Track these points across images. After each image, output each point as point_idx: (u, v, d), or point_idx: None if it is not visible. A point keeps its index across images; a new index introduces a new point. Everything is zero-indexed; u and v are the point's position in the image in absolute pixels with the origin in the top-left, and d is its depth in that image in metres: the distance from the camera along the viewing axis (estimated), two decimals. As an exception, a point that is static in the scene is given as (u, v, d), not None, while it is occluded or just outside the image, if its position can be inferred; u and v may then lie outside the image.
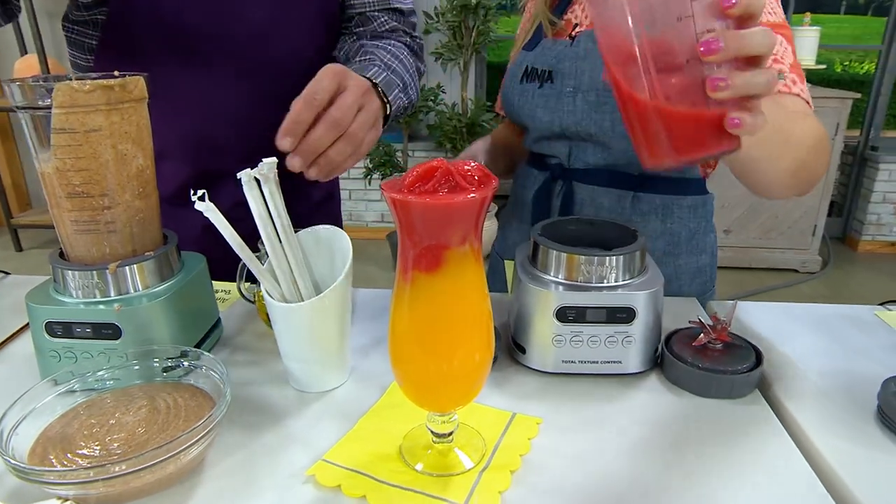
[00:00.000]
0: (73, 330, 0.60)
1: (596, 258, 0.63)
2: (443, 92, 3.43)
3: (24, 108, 0.56)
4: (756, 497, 0.49)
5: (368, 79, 0.76)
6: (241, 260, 0.73)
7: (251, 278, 0.75)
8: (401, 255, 0.46)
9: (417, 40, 1.01)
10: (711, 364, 0.62)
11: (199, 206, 0.53)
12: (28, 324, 0.75)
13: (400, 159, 3.46)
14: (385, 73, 0.82)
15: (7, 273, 0.93)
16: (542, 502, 0.48)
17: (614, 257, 0.63)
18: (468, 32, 3.36)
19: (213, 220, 0.55)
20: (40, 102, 0.55)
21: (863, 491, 0.49)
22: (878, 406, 0.59)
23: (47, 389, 0.54)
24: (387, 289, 0.85)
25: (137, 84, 0.59)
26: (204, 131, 0.92)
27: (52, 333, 0.61)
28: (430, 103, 3.38)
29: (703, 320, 0.65)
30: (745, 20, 0.44)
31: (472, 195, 0.42)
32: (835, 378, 0.65)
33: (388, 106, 0.80)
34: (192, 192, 0.56)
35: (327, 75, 0.69)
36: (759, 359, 0.63)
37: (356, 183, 3.77)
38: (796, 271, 3.39)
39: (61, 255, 0.63)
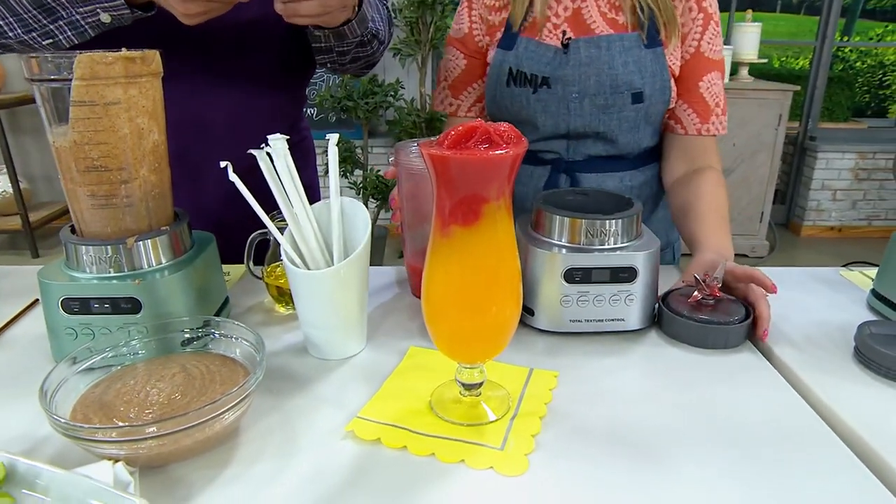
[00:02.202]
0: (90, 306, 0.60)
1: (598, 222, 0.67)
2: (402, 87, 3.45)
3: (41, 80, 0.56)
4: (758, 426, 0.54)
5: None
6: (243, 240, 0.75)
7: (258, 259, 0.76)
8: (438, 212, 0.48)
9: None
10: (707, 317, 0.67)
11: (231, 177, 0.54)
12: (20, 312, 0.75)
13: (360, 155, 3.46)
14: None
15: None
16: (572, 442, 0.52)
17: (615, 221, 0.67)
18: (425, 28, 3.38)
19: (241, 190, 0.56)
20: (59, 75, 0.55)
21: (848, 414, 0.56)
22: (855, 347, 0.65)
23: (74, 364, 0.54)
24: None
25: (154, 58, 0.59)
26: (179, 111, 0.91)
27: (68, 310, 0.60)
28: (390, 99, 3.39)
29: (697, 278, 0.70)
30: None
31: (509, 150, 0.45)
32: (814, 327, 0.72)
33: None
34: (219, 163, 0.57)
35: None
36: (748, 312, 0.68)
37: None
38: (746, 256, 3.56)
39: (73, 231, 0.63)
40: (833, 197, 3.84)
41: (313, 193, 1.19)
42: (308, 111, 3.74)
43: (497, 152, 0.45)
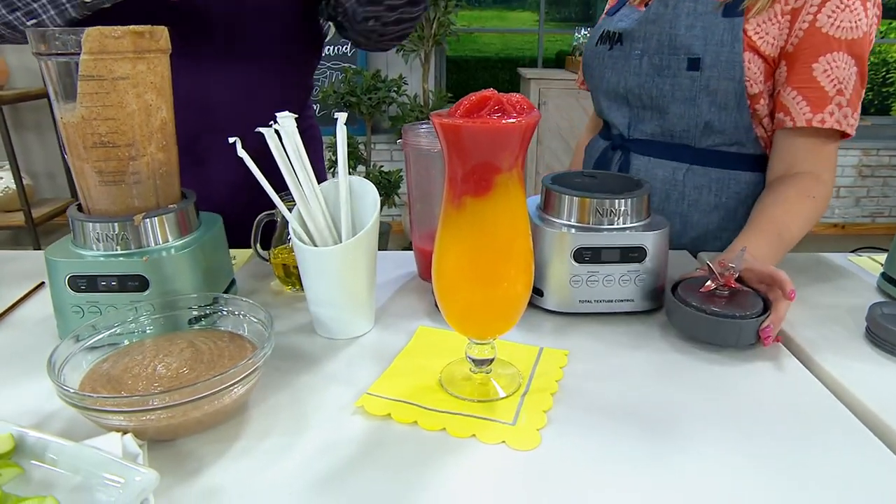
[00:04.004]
0: (97, 283, 0.60)
1: (608, 201, 0.66)
2: (405, 83, 3.44)
3: (49, 54, 0.55)
4: (770, 403, 0.54)
5: None
6: (246, 229, 0.75)
7: (265, 243, 0.76)
8: (449, 184, 0.48)
9: None
10: (718, 309, 0.61)
11: (240, 152, 0.54)
12: (26, 294, 0.75)
13: (363, 152, 3.46)
14: None
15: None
16: (584, 418, 0.52)
17: (624, 200, 0.67)
18: (429, 24, 3.38)
19: (249, 167, 0.56)
20: (66, 50, 0.55)
21: (862, 392, 0.55)
22: (867, 327, 0.65)
23: (81, 339, 0.53)
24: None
25: (163, 34, 0.59)
26: (183, 95, 0.91)
27: (75, 288, 0.60)
28: (393, 94, 3.39)
29: (710, 265, 0.65)
30: None
31: (521, 120, 0.44)
32: (825, 309, 0.71)
33: None
34: (226, 147, 0.57)
35: None
36: (766, 307, 0.62)
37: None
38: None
39: (79, 209, 0.63)
40: (836, 194, 3.83)
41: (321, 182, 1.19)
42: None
43: (508, 121, 0.45)
